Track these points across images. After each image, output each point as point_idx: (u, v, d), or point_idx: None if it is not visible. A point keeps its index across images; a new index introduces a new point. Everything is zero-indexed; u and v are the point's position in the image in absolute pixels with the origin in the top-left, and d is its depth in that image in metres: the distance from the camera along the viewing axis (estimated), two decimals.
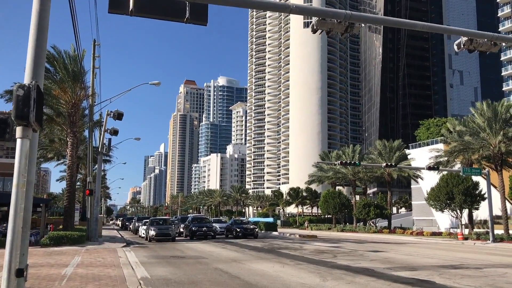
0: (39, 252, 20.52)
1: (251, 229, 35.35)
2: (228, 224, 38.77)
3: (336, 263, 17.26)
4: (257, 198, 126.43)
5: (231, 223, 38.45)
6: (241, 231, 34.76)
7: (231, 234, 36.11)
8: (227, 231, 37.26)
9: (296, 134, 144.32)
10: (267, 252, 22.52)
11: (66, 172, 29.66)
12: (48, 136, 36.91)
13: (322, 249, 24.46)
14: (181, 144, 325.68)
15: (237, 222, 38.24)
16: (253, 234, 34.91)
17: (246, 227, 35.52)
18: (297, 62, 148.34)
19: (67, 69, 28.18)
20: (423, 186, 71.32)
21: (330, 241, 33.00)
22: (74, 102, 28.67)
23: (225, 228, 38.14)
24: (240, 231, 34.80)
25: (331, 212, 61.99)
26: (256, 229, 36.08)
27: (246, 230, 35.01)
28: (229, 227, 37.27)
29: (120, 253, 20.60)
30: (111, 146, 27.82)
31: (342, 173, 61.14)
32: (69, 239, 24.93)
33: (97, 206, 28.87)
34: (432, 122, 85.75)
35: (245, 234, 34.73)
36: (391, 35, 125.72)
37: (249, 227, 35.87)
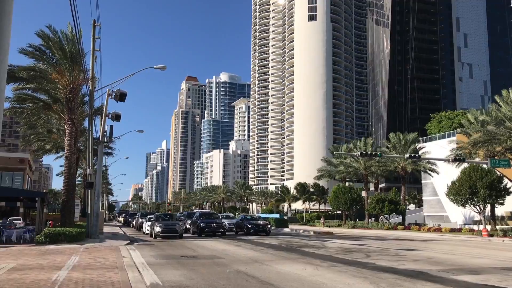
0: (31, 251, 18.09)
1: (263, 226, 33.00)
2: (238, 220, 36.48)
3: (376, 264, 14.79)
4: (261, 194, 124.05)
5: (241, 219, 36.15)
6: (252, 227, 32.39)
7: (241, 230, 33.84)
8: (237, 228, 34.95)
9: (300, 129, 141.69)
10: (288, 251, 20.06)
11: (64, 163, 27.23)
12: (45, 126, 34.50)
13: (348, 248, 21.99)
14: (183, 140, 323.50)
15: (248, 218, 36.05)
16: (265, 231, 32.60)
17: (258, 224, 33.21)
18: (302, 56, 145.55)
19: (64, 50, 25.70)
20: (435, 181, 68.87)
21: (350, 239, 30.52)
22: (72, 86, 26.21)
23: (234, 224, 35.77)
24: (252, 227, 32.41)
25: (342, 208, 59.52)
26: (269, 226, 33.76)
27: (258, 226, 32.65)
28: (239, 223, 34.99)
29: (124, 252, 18.16)
30: (113, 134, 25.34)
31: (354, 167, 58.64)
32: (67, 236, 22.51)
33: (97, 201, 26.43)
34: (443, 115, 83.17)
35: (257, 230, 32.39)
36: (399, 27, 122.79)
37: (261, 223, 33.56)
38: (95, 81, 27.80)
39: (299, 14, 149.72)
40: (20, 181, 52.58)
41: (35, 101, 27.74)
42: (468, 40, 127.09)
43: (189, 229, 34.32)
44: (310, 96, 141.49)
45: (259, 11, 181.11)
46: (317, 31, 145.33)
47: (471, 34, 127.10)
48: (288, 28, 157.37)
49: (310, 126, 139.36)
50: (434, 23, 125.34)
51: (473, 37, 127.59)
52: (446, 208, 69.13)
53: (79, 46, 25.56)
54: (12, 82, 25.64)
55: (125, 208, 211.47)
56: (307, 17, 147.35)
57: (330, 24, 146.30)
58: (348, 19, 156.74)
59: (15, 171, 52.40)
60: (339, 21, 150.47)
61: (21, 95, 27.47)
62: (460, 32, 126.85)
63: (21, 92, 27.50)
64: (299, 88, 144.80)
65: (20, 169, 52.22)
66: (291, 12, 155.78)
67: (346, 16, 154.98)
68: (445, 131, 77.79)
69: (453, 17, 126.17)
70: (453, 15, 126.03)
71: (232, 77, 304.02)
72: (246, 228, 32.78)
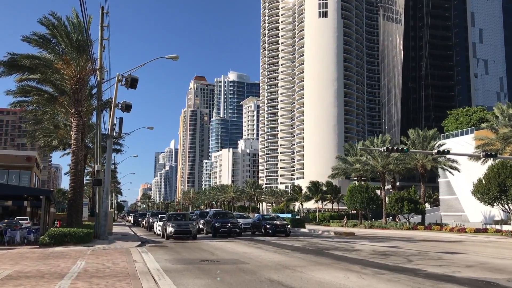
0: (33, 255, 16.32)
1: (282, 226, 30.82)
2: (255, 220, 34.25)
3: (426, 271, 12.80)
4: (271, 193, 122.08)
5: (258, 219, 33.93)
6: (271, 228, 30.21)
7: (259, 231, 31.68)
8: (254, 228, 32.88)
9: (311, 127, 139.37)
10: (316, 254, 18.11)
11: (71, 159, 25.50)
12: (51, 121, 32.80)
13: (381, 250, 19.98)
14: (191, 140, 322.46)
15: (266, 218, 33.69)
16: (284, 232, 30.48)
17: (277, 224, 30.95)
18: (312, 53, 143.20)
19: (70, 38, 23.96)
20: (452, 180, 66.48)
21: (375, 240, 28.49)
22: (79, 77, 24.48)
23: (251, 224, 33.75)
24: (270, 228, 30.24)
25: (358, 207, 57.38)
26: (288, 226, 31.49)
27: (276, 227, 30.47)
28: (256, 223, 32.83)
29: (135, 255, 16.33)
30: (122, 128, 23.53)
31: (371, 165, 56.43)
32: (73, 237, 20.73)
33: (106, 199, 24.63)
34: (461, 112, 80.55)
35: (276, 231, 30.23)
36: (412, 22, 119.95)
37: (280, 223, 31.34)
38: (103, 72, 26.01)
39: (309, 11, 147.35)
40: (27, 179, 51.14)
41: (40, 93, 26.06)
42: (483, 35, 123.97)
43: (202, 229, 32.47)
44: (321, 94, 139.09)
45: (268, 9, 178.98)
46: (327, 28, 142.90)
47: (486, 29, 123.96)
48: (298, 25, 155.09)
49: (321, 124, 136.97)
50: (448, 18, 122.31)
51: (488, 32, 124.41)
52: (464, 207, 66.79)
53: (87, 34, 23.80)
54: (15, 72, 23.92)
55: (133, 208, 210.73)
56: (318, 14, 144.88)
57: (341, 21, 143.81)
58: (359, 15, 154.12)
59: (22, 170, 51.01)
60: (350, 18, 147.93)
61: (25, 87, 25.79)
62: (475, 27, 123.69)
63: (25, 84, 25.80)
64: (310, 86, 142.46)
65: (27, 168, 50.79)
66: (301, 9, 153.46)
67: (357, 13, 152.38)
68: (462, 128, 75.27)
69: (468, 12, 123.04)
70: (467, 10, 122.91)
71: (241, 76, 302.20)
72: (264, 229, 30.71)
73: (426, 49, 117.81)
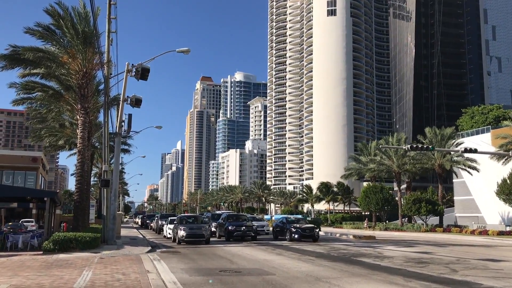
0: (35, 263, 14.80)
1: (310, 230, 27.17)
2: (277, 223, 30.27)
3: (482, 284, 11.14)
4: (280, 194, 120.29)
5: (281, 221, 29.73)
6: (297, 232, 26.75)
7: (282, 235, 28.26)
8: (277, 232, 29.22)
9: (320, 127, 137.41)
10: (345, 262, 16.45)
11: (77, 158, 24.03)
12: (57, 119, 31.39)
13: (414, 257, 18.28)
14: (198, 140, 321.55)
15: (291, 220, 29.44)
16: (312, 236, 27.01)
17: (304, 227, 27.33)
18: (321, 52, 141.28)
19: (76, 30, 22.48)
20: (468, 180, 64.50)
21: (400, 244, 26.76)
22: (85, 71, 23.00)
23: (272, 227, 30.63)
24: (296, 232, 26.78)
25: (372, 209, 55.57)
26: (317, 230, 28.01)
27: (304, 230, 26.88)
28: (279, 227, 29.09)
29: (147, 264, 14.75)
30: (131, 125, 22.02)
31: (386, 165, 54.60)
32: (79, 242, 19.22)
33: (114, 201, 23.12)
34: (476, 110, 78.45)
35: (303, 235, 26.79)
36: (424, 20, 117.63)
37: (307, 226, 27.76)
38: (111, 66, 24.51)
39: (317, 9, 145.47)
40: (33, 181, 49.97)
41: (45, 89, 24.62)
42: (496, 32, 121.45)
43: (214, 232, 30.84)
44: (330, 93, 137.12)
45: (276, 8, 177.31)
46: (336, 26, 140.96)
47: (499, 26, 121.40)
48: (306, 23, 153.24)
49: (330, 124, 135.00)
50: (460, 15, 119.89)
51: (502, 29, 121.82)
52: (480, 208, 64.88)
53: (95, 25, 22.30)
54: (17, 66, 22.47)
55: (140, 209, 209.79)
56: (326, 12, 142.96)
57: (350, 19, 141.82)
58: (368, 13, 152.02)
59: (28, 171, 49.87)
60: (359, 16, 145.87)
61: (28, 83, 24.35)
62: (488, 24, 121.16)
63: (29, 80, 24.37)
64: (318, 85, 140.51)
65: (33, 168, 49.65)
66: (309, 8, 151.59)
67: (366, 11, 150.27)
68: (478, 126, 73.20)
69: (481, 8, 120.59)
70: (480, 6, 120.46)
71: (247, 76, 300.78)
72: (289, 233, 27.06)
73: (438, 47, 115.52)
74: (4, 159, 48.94)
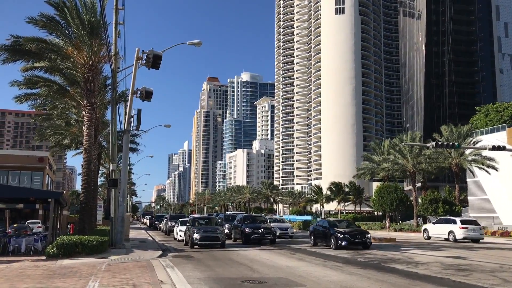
0: (37, 271, 13.42)
1: (361, 235, 22.45)
2: (317, 227, 25.44)
3: None
4: (289, 194, 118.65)
5: (323, 225, 24.83)
6: (344, 237, 21.94)
7: (324, 241, 23.76)
8: (316, 237, 24.84)
9: (328, 127, 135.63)
10: (377, 269, 14.94)
11: (83, 157, 22.70)
12: (62, 116, 30.15)
13: (449, 263, 16.74)
14: (205, 141, 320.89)
15: (333, 223, 24.39)
16: (364, 243, 22.27)
17: (353, 232, 22.48)
18: (329, 51, 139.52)
19: (82, 20, 21.15)
20: (482, 180, 62.74)
21: (426, 247, 25.17)
22: (91, 64, 21.65)
23: (310, 231, 26.36)
24: (344, 238, 21.94)
25: (387, 209, 53.90)
26: (369, 235, 22.88)
27: (353, 236, 22.13)
28: (321, 231, 24.34)
29: (160, 273, 13.34)
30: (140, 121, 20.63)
31: (400, 165, 52.88)
32: (86, 246, 17.87)
33: (123, 202, 21.77)
34: (490, 108, 76.45)
35: (352, 242, 22.01)
36: (434, 17, 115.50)
37: (357, 231, 23.07)
38: (118, 60, 23.19)
39: (325, 7, 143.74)
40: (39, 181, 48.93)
41: (48, 84, 23.30)
42: (508, 29, 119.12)
43: (227, 234, 29.31)
44: (338, 92, 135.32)
45: (283, 7, 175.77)
46: (345, 25, 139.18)
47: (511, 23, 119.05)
48: (314, 22, 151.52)
49: (339, 123, 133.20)
50: (472, 12, 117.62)
51: None
52: (496, 208, 63.11)
53: (102, 14, 20.96)
54: (19, 59, 21.16)
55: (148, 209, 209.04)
56: (334, 11, 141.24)
57: (358, 17, 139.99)
58: (376, 11, 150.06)
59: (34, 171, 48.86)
60: (368, 14, 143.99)
61: (31, 77, 23.05)
62: (500, 21, 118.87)
63: (32, 74, 23.08)
64: (327, 84, 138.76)
65: (39, 169, 48.59)
66: (317, 6, 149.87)
67: (374, 9, 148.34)
68: (493, 124, 71.25)
69: (492, 5, 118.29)
70: (492, 3, 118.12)
71: (254, 76, 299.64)
72: (334, 239, 22.16)
73: (449, 45, 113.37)
74: (10, 159, 47.99)
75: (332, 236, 22.54)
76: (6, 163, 46.05)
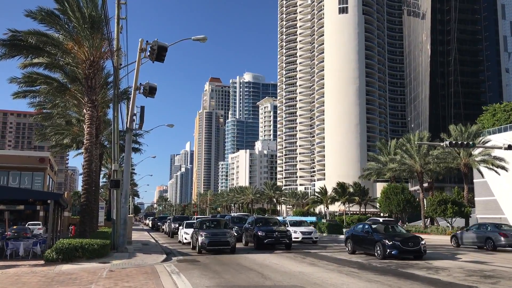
0: (33, 278, 12.52)
1: (414, 242, 18.68)
2: (357, 232, 21.29)
3: None
4: (292, 195, 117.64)
5: (363, 230, 20.74)
6: (394, 245, 18.27)
7: (367, 250, 20.09)
8: (356, 245, 20.85)
9: (332, 127, 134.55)
10: (395, 275, 14.00)
11: (84, 156, 21.81)
12: (63, 115, 29.29)
13: (472, 269, 15.77)
14: (207, 142, 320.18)
15: (377, 228, 20.38)
16: (418, 251, 18.57)
17: (406, 239, 18.82)
18: (333, 50, 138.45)
19: (83, 13, 20.26)
20: (490, 181, 61.77)
21: (440, 250, 24.17)
22: (92, 59, 20.78)
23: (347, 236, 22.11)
24: (394, 245, 18.26)
25: (394, 210, 52.99)
26: (423, 242, 18.93)
27: (405, 243, 18.48)
28: (362, 237, 20.46)
29: (165, 280, 12.43)
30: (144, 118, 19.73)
31: (408, 165, 51.88)
32: (86, 250, 16.96)
33: (125, 203, 20.88)
34: (498, 107, 75.41)
35: (404, 251, 18.37)
36: (440, 16, 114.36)
37: (409, 237, 19.41)
38: (120, 56, 22.27)
39: (329, 7, 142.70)
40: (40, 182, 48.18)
41: (48, 81, 22.43)
42: None
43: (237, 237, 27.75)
44: (342, 92, 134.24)
45: (286, 7, 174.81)
46: (348, 24, 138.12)
47: None
48: (317, 22, 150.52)
49: (343, 123, 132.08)
50: (477, 11, 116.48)
51: None
52: (504, 209, 62.13)
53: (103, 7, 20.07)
54: (18, 55, 20.27)
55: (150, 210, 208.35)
56: (338, 10, 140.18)
57: (362, 17, 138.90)
58: (380, 11, 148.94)
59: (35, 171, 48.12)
60: (371, 14, 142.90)
61: (30, 74, 22.19)
62: (506, 20, 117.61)
63: (31, 71, 22.21)
64: (330, 84, 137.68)
65: (40, 169, 47.85)
66: (320, 6, 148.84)
67: (378, 8, 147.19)
68: (500, 124, 70.20)
69: (498, 4, 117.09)
70: (497, 1, 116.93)
71: (256, 77, 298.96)
72: (381, 247, 18.53)
73: (454, 44, 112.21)
74: (10, 160, 47.30)
75: (378, 243, 18.83)
76: (7, 163, 45.33)
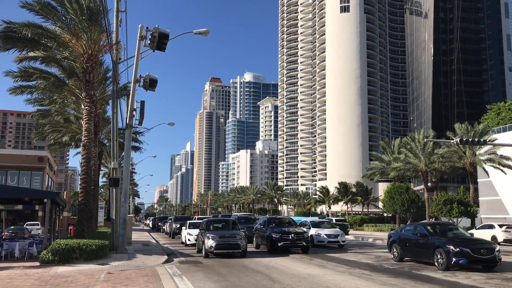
0: (27, 280, 11.73)
1: (488, 249, 14.80)
2: (406, 235, 17.61)
3: None
4: (293, 195, 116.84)
5: (416, 232, 16.97)
6: (462, 252, 14.51)
7: (420, 256, 16.46)
8: (405, 251, 17.19)
9: (333, 126, 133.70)
10: (410, 278, 13.21)
11: (81, 154, 21.01)
12: (61, 112, 28.50)
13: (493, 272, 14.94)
14: (207, 142, 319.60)
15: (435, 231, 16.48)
16: (492, 260, 14.75)
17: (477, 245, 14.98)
18: (334, 50, 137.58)
19: (80, 5, 19.48)
20: (494, 180, 60.99)
21: None
22: (90, 53, 19.98)
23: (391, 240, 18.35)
24: (462, 252, 14.49)
25: (398, 210, 52.12)
26: (497, 249, 15.02)
27: (476, 251, 14.61)
28: (416, 241, 16.63)
29: (167, 283, 11.65)
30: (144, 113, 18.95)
31: (412, 164, 51.11)
32: (84, 251, 16.18)
33: (125, 203, 20.09)
34: (502, 106, 74.64)
35: (475, 260, 14.63)
36: (442, 14, 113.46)
37: (481, 243, 15.68)
38: (119, 50, 21.48)
39: (330, 5, 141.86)
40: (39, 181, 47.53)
41: (45, 76, 21.64)
42: None
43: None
44: (344, 92, 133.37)
45: (287, 6, 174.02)
46: (350, 23, 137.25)
47: None
48: (318, 21, 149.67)
49: (344, 123, 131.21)
50: (480, 9, 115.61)
51: None
52: (509, 209, 61.36)
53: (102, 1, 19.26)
54: (13, 48, 19.45)
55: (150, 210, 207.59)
56: (339, 9, 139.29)
57: (364, 16, 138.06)
58: (382, 10, 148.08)
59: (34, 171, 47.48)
60: (373, 12, 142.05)
61: (26, 69, 21.40)
62: (509, 19, 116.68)
63: (27, 65, 21.41)
64: (332, 84, 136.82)
65: (39, 168, 47.23)
66: (321, 4, 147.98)
67: (380, 7, 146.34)
68: (505, 123, 69.42)
69: (501, 2, 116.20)
70: (501, 0, 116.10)
71: (257, 77, 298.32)
72: (445, 255, 14.70)
73: (457, 43, 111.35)
74: (9, 159, 46.64)
75: (439, 250, 15.00)
76: (5, 162, 44.66)
